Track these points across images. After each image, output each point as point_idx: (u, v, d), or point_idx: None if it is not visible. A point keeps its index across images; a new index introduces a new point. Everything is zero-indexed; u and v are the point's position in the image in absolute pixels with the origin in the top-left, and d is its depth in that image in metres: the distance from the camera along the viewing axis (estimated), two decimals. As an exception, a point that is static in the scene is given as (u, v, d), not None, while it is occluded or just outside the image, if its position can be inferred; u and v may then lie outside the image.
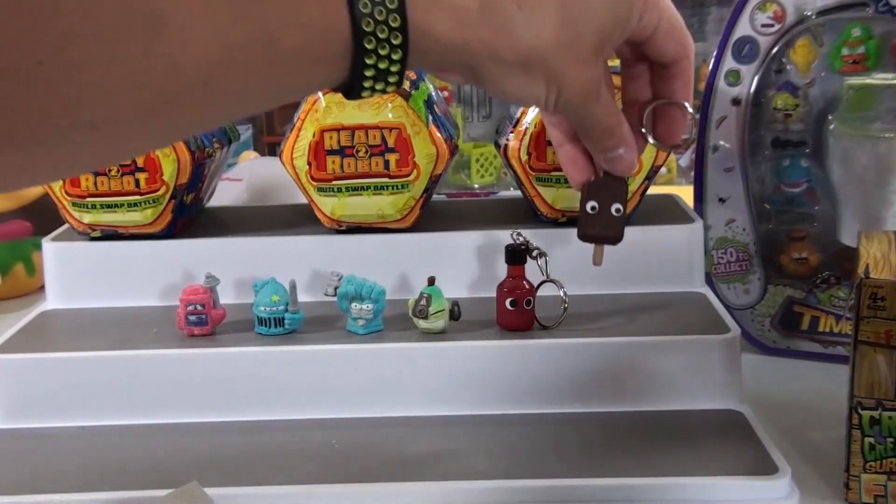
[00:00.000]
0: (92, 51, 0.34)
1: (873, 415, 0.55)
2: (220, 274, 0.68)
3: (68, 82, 0.34)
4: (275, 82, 0.40)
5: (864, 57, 0.76)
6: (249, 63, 0.38)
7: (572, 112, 0.49)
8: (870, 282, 0.54)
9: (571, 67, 0.46)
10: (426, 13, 0.41)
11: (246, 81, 0.38)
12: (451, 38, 0.42)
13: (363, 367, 0.64)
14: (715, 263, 0.82)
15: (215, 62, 0.37)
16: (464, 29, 0.42)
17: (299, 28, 0.38)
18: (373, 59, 0.40)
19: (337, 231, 0.73)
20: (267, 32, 0.38)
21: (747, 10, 0.78)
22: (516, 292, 0.65)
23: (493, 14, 0.43)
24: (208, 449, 0.61)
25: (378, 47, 0.40)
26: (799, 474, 0.58)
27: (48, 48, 0.33)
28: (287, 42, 0.38)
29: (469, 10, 0.42)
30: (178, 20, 0.35)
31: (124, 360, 0.65)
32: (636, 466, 0.57)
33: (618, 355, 0.64)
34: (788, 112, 0.78)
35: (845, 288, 0.78)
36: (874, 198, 0.74)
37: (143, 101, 0.36)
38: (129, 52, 0.35)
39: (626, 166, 0.52)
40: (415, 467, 0.58)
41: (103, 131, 0.36)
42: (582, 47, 0.46)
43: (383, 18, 0.40)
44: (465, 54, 0.43)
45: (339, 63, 0.40)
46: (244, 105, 0.41)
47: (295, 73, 0.40)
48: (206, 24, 0.36)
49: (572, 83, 0.46)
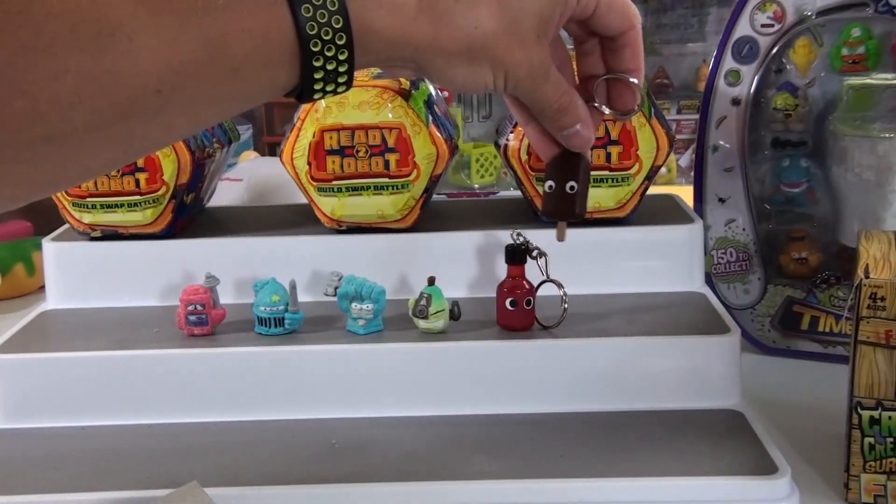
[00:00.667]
0: (43, 63, 0.35)
1: (873, 415, 0.56)
2: (220, 274, 0.68)
3: (22, 96, 0.35)
4: (226, 89, 0.41)
5: (864, 57, 0.76)
6: (199, 70, 0.39)
7: (523, 94, 0.50)
8: (870, 282, 0.54)
9: (515, 52, 0.47)
10: (366, 11, 0.42)
11: (198, 89, 0.39)
12: (394, 33, 0.44)
13: (363, 367, 0.64)
14: (715, 263, 0.82)
15: (165, 71, 0.38)
16: (405, 24, 0.44)
17: (245, 34, 0.39)
18: (320, 62, 0.42)
19: (337, 231, 0.73)
20: (213, 39, 0.39)
21: (747, 10, 0.78)
22: (516, 292, 0.65)
23: (431, 8, 0.44)
24: (208, 449, 0.61)
25: (324, 48, 0.41)
26: (799, 474, 0.58)
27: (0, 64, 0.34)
28: (234, 48, 0.39)
29: (408, 6, 0.44)
30: (125, 30, 0.36)
31: (124, 360, 0.65)
32: (636, 466, 0.57)
33: (618, 355, 0.64)
34: (788, 112, 0.78)
35: (845, 288, 0.78)
36: (874, 198, 0.74)
37: (98, 111, 0.37)
38: (80, 64, 0.36)
39: (583, 142, 0.53)
40: (415, 467, 0.58)
41: (60, 145, 0.37)
42: (522, 31, 0.47)
43: (326, 20, 0.41)
44: (408, 49, 0.45)
45: (288, 67, 0.42)
46: (199, 114, 0.42)
47: (245, 79, 0.41)
48: (153, 33, 0.37)
49: (518, 67, 0.48)
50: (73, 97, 0.36)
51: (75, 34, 0.36)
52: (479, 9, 0.45)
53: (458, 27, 0.45)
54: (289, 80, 0.42)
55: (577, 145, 0.54)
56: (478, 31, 0.46)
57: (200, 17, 0.38)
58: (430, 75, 0.47)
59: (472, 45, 0.46)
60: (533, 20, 0.48)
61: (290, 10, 0.40)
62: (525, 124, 0.56)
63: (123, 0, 0.37)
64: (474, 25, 0.45)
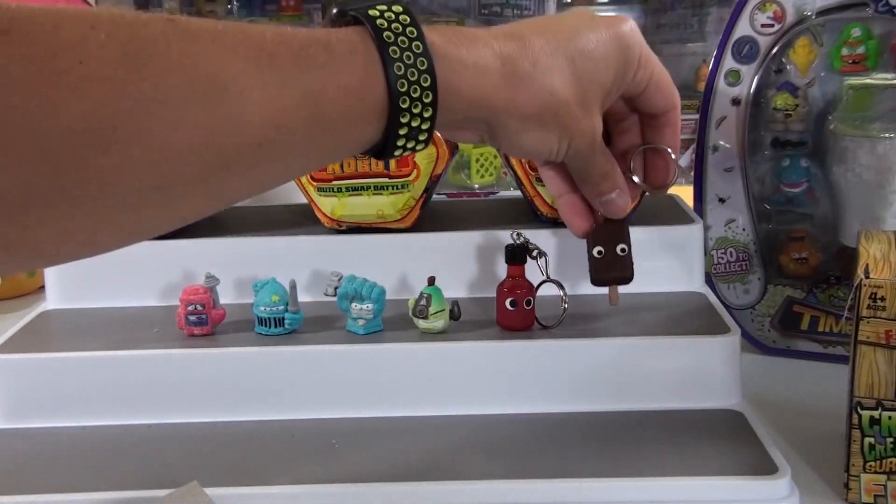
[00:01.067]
0: (161, 115, 0.36)
1: (873, 415, 0.56)
2: (220, 274, 0.68)
3: (140, 146, 0.36)
4: (319, 144, 0.43)
5: (864, 57, 0.76)
6: (297, 125, 0.41)
7: (579, 160, 0.53)
8: (870, 282, 0.54)
9: (581, 121, 0.50)
10: (453, 72, 0.45)
11: (294, 143, 0.41)
12: (475, 95, 0.46)
13: (363, 367, 0.64)
14: (715, 263, 0.82)
15: (268, 125, 0.39)
16: (487, 87, 0.46)
17: (342, 91, 0.41)
18: (406, 118, 0.43)
19: (337, 231, 0.73)
20: (312, 95, 0.41)
21: (747, 10, 0.78)
22: (516, 292, 0.65)
23: (512, 72, 0.47)
24: (208, 449, 0.61)
25: (411, 106, 0.43)
26: (799, 474, 0.58)
27: (122, 114, 0.35)
28: (330, 105, 0.41)
29: (491, 69, 0.46)
30: (237, 85, 0.38)
31: (124, 360, 0.65)
32: (636, 466, 0.57)
33: (618, 355, 0.64)
34: (788, 112, 0.78)
35: (845, 288, 0.78)
36: (874, 198, 0.74)
37: (205, 162, 0.38)
38: (195, 116, 0.37)
39: (620, 208, 0.57)
40: (415, 467, 0.58)
41: (168, 194, 0.38)
42: (589, 102, 0.50)
43: (415, 79, 0.43)
44: (486, 110, 0.47)
45: (376, 123, 0.43)
46: (290, 168, 0.44)
47: (337, 134, 0.43)
48: (259, 88, 0.39)
49: (582, 135, 0.50)
50: (185, 148, 0.37)
51: (192, 87, 0.37)
52: (555, 76, 0.48)
53: (535, 92, 0.48)
54: (374, 135, 0.44)
55: (613, 211, 0.57)
56: (553, 97, 0.48)
57: (302, 73, 0.40)
58: (499, 138, 0.49)
59: (545, 110, 0.48)
60: (599, 91, 0.51)
61: (382, 67, 0.42)
62: (559, 195, 0.59)
63: (234, 56, 0.38)
64: (550, 91, 0.48)
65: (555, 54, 0.48)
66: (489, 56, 0.46)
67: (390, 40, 0.43)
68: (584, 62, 0.49)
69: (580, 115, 0.50)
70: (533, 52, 0.48)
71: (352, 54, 0.42)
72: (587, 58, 0.49)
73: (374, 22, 0.43)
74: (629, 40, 0.51)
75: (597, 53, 0.50)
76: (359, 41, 0.43)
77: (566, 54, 0.49)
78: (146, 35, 0.37)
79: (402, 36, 0.43)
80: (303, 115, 0.41)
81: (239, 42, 0.39)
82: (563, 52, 0.49)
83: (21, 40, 0.33)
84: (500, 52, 0.47)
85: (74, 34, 0.35)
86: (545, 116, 0.49)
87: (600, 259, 0.61)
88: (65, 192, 0.35)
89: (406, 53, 0.43)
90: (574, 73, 0.49)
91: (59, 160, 0.34)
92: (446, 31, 0.46)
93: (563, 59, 0.48)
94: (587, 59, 0.49)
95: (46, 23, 0.34)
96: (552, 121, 0.49)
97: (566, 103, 0.49)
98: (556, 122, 0.49)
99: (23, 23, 0.34)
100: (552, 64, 0.48)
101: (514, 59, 0.47)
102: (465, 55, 0.46)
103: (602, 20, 0.51)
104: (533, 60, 0.47)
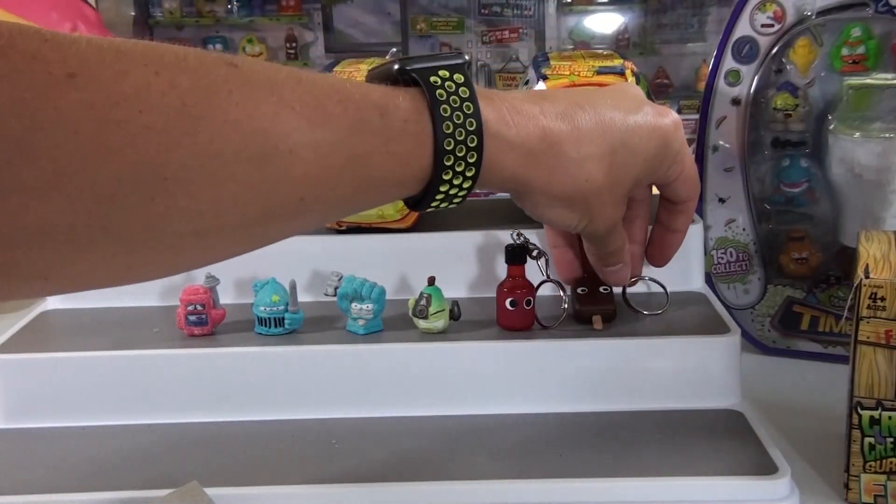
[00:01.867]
0: (212, 169, 0.37)
1: (873, 415, 0.55)
2: (220, 274, 0.68)
3: (187, 196, 0.37)
4: (358, 200, 0.44)
5: (864, 57, 0.76)
6: (340, 183, 0.41)
7: (592, 238, 0.55)
8: (870, 282, 0.54)
9: (606, 207, 0.52)
10: (499, 152, 0.46)
11: (334, 199, 0.42)
12: (516, 174, 0.48)
13: (363, 367, 0.64)
14: (715, 263, 0.82)
15: (313, 182, 0.40)
16: (528, 167, 0.48)
17: (389, 156, 0.42)
18: (445, 187, 0.45)
19: (337, 231, 0.73)
20: (360, 157, 0.41)
21: (747, 11, 0.78)
22: (516, 292, 0.65)
23: (555, 154, 0.48)
24: (208, 449, 0.61)
25: (453, 178, 0.45)
26: (799, 474, 0.58)
27: (175, 165, 0.36)
28: (376, 168, 0.42)
29: (535, 152, 0.48)
30: (289, 143, 0.39)
31: (124, 360, 0.65)
32: (636, 466, 0.57)
33: (617, 355, 0.64)
34: (788, 112, 0.78)
35: (845, 288, 0.78)
36: (874, 198, 0.74)
37: (247, 214, 0.39)
38: (244, 171, 0.38)
39: (621, 279, 0.60)
40: (415, 467, 0.58)
41: (207, 240, 0.39)
42: (619, 190, 0.52)
43: (462, 155, 0.44)
44: (520, 185, 0.49)
45: (416, 186, 0.45)
46: (327, 217, 0.46)
47: (377, 192, 0.44)
48: (311, 149, 0.39)
49: (604, 219, 0.53)
50: (229, 200, 0.38)
51: (245, 143, 0.37)
52: (594, 165, 0.50)
53: (571, 177, 0.49)
54: (411, 193, 0.45)
55: (614, 281, 0.60)
56: (587, 184, 0.50)
57: (354, 135, 0.41)
58: (524, 205, 0.52)
59: (576, 194, 0.50)
60: (631, 182, 0.52)
61: (433, 140, 0.43)
62: (554, 246, 0.62)
63: (290, 112, 0.39)
64: (586, 178, 0.50)
65: (599, 141, 0.49)
66: (537, 136, 0.47)
67: (446, 114, 0.43)
68: (624, 153, 0.50)
69: (608, 202, 0.51)
70: (579, 135, 0.49)
71: (405, 122, 0.43)
72: (628, 150, 0.51)
73: (433, 92, 0.44)
74: (670, 138, 0.53)
75: (638, 147, 0.51)
76: (414, 110, 0.43)
77: (610, 143, 0.50)
78: (207, 84, 0.37)
79: (458, 111, 0.44)
80: (348, 175, 0.41)
81: (298, 97, 0.39)
82: (608, 140, 0.50)
83: (87, 86, 0.34)
84: (548, 132, 0.48)
85: (138, 81, 0.35)
86: (575, 200, 0.50)
87: (583, 295, 0.65)
88: (108, 232, 0.36)
89: (458, 130, 0.44)
90: (613, 162, 0.50)
91: (107, 203, 0.35)
92: (501, 107, 0.47)
93: (607, 147, 0.50)
94: (628, 151, 0.51)
95: (113, 68, 0.35)
96: (580, 203, 0.51)
97: (598, 191, 0.50)
98: (584, 206, 0.51)
99: (91, 67, 0.34)
100: (594, 152, 0.49)
101: (559, 142, 0.48)
102: (514, 136, 0.47)
103: (651, 109, 0.53)
104: (577, 145, 0.49)
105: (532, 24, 4.20)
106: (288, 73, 0.40)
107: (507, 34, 4.19)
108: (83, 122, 0.33)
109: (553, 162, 0.48)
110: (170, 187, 0.36)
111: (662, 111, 0.53)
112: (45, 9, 1.34)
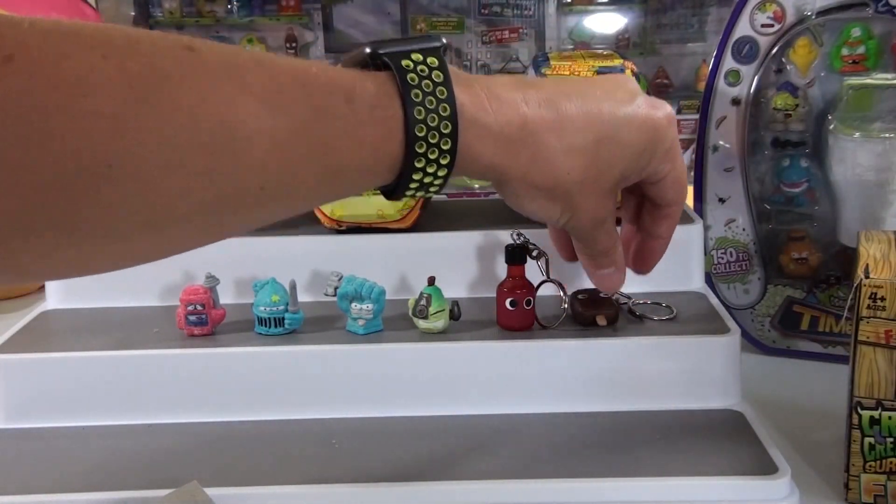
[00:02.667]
0: (162, 156, 0.35)
1: (873, 415, 0.55)
2: (220, 274, 0.68)
3: (134, 185, 0.35)
4: (325, 188, 0.42)
5: (864, 57, 0.76)
6: (304, 170, 0.40)
7: (577, 234, 0.53)
8: (870, 282, 0.54)
9: (588, 200, 0.49)
10: (476, 139, 0.44)
11: (299, 187, 0.40)
12: (493, 162, 0.45)
13: (363, 367, 0.64)
14: (715, 263, 0.82)
15: (273, 170, 0.38)
16: (507, 155, 0.45)
17: (356, 143, 0.40)
18: (419, 175, 0.43)
19: (337, 231, 0.73)
20: (325, 144, 0.39)
21: (747, 10, 0.78)
22: (516, 292, 0.65)
23: (533, 143, 0.46)
24: (208, 449, 0.61)
25: (426, 166, 0.42)
26: (799, 474, 0.58)
27: (120, 152, 0.34)
28: (342, 155, 0.40)
29: (514, 140, 0.45)
30: (245, 131, 0.37)
31: (124, 360, 0.65)
32: (636, 466, 0.57)
33: (618, 355, 0.64)
34: (788, 112, 0.78)
35: (845, 288, 0.78)
36: (874, 198, 0.74)
37: (202, 204, 0.37)
38: (197, 159, 0.36)
39: (613, 286, 0.56)
40: (415, 467, 0.58)
41: (160, 231, 0.37)
42: (602, 184, 0.49)
43: (436, 141, 0.42)
44: (499, 174, 0.46)
45: (387, 175, 0.43)
46: (293, 206, 0.43)
47: (346, 180, 0.42)
48: (269, 136, 0.37)
49: (586, 213, 0.50)
50: (182, 189, 0.36)
51: (198, 129, 0.36)
52: (577, 157, 0.47)
53: (552, 168, 0.47)
54: (384, 182, 0.43)
55: (605, 287, 0.56)
56: (569, 177, 0.47)
57: (318, 122, 0.39)
58: (505, 196, 0.49)
59: (557, 186, 0.48)
60: (615, 176, 0.50)
61: (403, 126, 0.41)
62: (553, 232, 0.58)
63: (249, 96, 0.37)
64: (567, 171, 0.47)
65: (584, 131, 0.47)
66: (517, 123, 0.45)
67: (417, 99, 0.41)
68: (610, 145, 0.48)
69: (591, 195, 0.49)
70: (562, 124, 0.46)
71: (373, 108, 0.41)
72: (615, 141, 0.48)
73: (404, 76, 0.41)
74: (662, 132, 0.50)
75: (626, 139, 0.49)
76: (384, 95, 0.41)
77: (596, 134, 0.47)
78: (160, 67, 0.35)
79: (430, 96, 0.41)
80: (312, 163, 0.39)
81: (257, 81, 0.38)
82: (594, 130, 0.47)
83: (24, 69, 0.32)
84: (528, 120, 0.45)
85: (82, 65, 0.33)
86: (556, 192, 0.48)
87: (584, 300, 0.65)
88: (52, 222, 0.34)
89: (431, 115, 0.41)
90: (597, 155, 0.48)
91: (48, 193, 0.33)
92: (478, 91, 0.44)
93: (592, 137, 0.47)
94: (615, 142, 0.48)
95: (55, 51, 0.33)
96: (562, 196, 0.48)
97: (580, 183, 0.48)
98: (566, 198, 0.48)
99: (31, 50, 0.33)
100: (577, 143, 0.47)
101: (540, 130, 0.46)
102: (493, 122, 0.44)
103: (644, 101, 0.50)
104: (559, 134, 0.46)
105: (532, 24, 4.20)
106: (249, 57, 0.38)
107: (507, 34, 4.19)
108: (20, 107, 0.32)
109: (533, 151, 0.46)
110: (116, 176, 0.34)
111: (656, 104, 0.51)
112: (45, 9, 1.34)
